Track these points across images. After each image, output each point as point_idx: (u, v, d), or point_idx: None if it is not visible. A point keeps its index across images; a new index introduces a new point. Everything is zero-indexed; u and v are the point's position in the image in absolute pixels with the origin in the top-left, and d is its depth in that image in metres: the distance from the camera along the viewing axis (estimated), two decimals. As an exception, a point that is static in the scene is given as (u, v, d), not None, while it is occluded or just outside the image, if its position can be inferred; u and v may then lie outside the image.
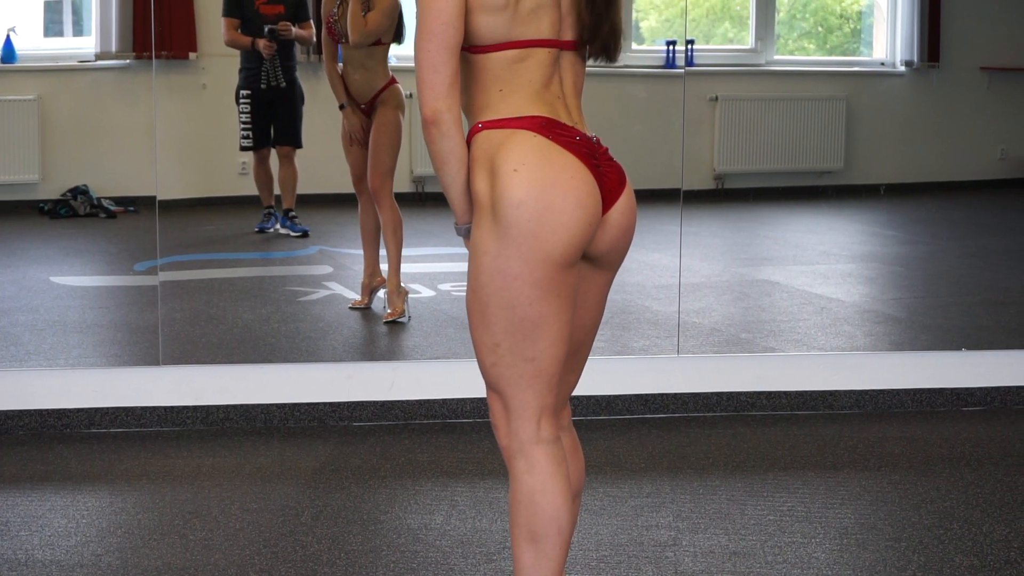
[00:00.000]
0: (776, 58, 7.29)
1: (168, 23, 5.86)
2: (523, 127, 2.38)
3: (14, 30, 5.79)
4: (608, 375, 4.61)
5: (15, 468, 4.16)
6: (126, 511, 3.82)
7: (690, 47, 6.27)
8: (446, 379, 4.55)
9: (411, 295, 5.17)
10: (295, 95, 5.68)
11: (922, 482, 4.03)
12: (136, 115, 5.67)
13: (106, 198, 5.98)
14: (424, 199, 5.54)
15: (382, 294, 5.22)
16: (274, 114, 5.68)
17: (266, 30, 5.50)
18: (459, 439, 4.42)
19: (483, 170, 2.38)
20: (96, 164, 6.01)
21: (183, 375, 4.52)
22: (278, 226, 5.81)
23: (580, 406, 4.55)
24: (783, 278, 5.87)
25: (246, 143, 5.69)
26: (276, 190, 5.75)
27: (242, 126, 5.66)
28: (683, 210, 5.11)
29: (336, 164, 5.71)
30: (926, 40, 7.29)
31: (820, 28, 7.79)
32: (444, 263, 5.40)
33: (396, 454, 4.27)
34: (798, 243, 6.56)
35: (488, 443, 4.30)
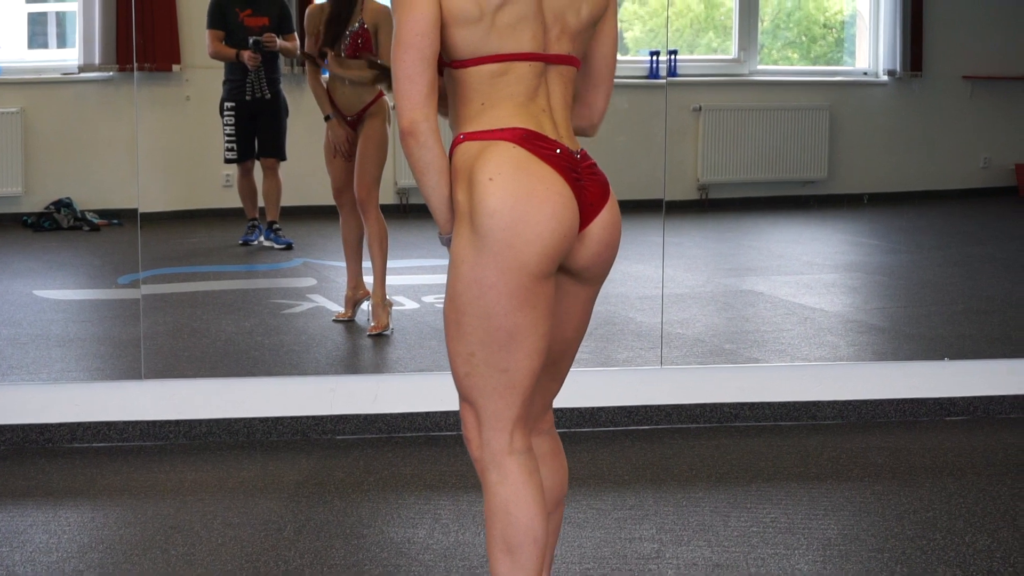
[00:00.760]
0: (759, 68, 7.30)
1: (151, 35, 5.85)
2: (502, 138, 2.39)
3: (-3, 43, 5.78)
4: (592, 387, 4.61)
5: (-3, 483, 4.15)
6: (108, 526, 3.81)
7: (673, 57, 6.28)
8: (429, 392, 4.55)
9: (395, 307, 5.17)
10: (279, 107, 5.68)
11: (905, 493, 4.03)
12: (119, 127, 5.66)
13: (90, 211, 5.97)
14: (408, 211, 5.54)
15: (366, 306, 5.22)
16: (258, 126, 5.68)
17: (251, 42, 5.50)
18: (442, 452, 4.42)
19: (463, 180, 2.39)
20: (80, 177, 6.00)
21: (165, 389, 4.51)
22: (262, 238, 5.81)
23: (563, 418, 4.55)
24: (767, 288, 5.88)
25: (231, 155, 5.68)
26: (260, 202, 5.75)
27: (226, 138, 5.66)
28: (666, 221, 5.12)
29: (320, 176, 5.70)
30: (909, 49, 7.31)
31: (804, 37, 7.81)
32: (427, 275, 5.41)
33: (379, 467, 4.27)
34: (782, 253, 6.57)
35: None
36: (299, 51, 5.86)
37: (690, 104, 6.82)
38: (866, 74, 7.40)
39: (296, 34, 5.81)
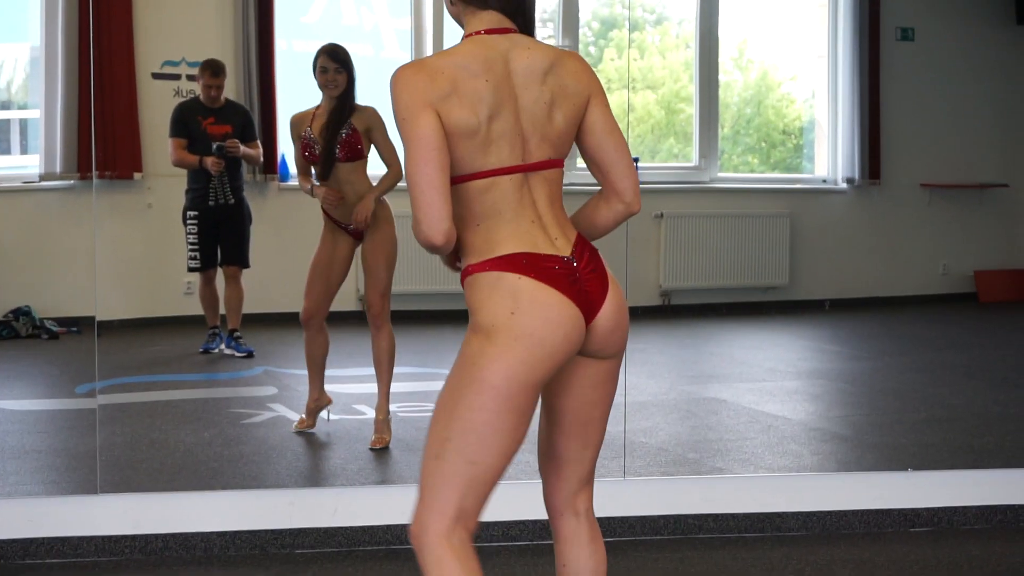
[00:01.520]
0: (719, 175, 7.38)
1: (113, 144, 5.87)
2: (508, 270, 2.50)
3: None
4: (554, 499, 4.56)
5: (-54, 603, 4.05)
6: (59, 648, 3.72)
7: (635, 165, 6.32)
8: (390, 504, 4.49)
9: (357, 416, 5.12)
10: (243, 214, 5.68)
11: (870, 607, 3.99)
12: (80, 235, 5.64)
13: (48, 319, 5.93)
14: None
15: (324, 414, 5.18)
16: (221, 233, 5.67)
17: (214, 147, 5.52)
18: (403, 566, 4.35)
19: (483, 311, 2.50)
20: (39, 285, 5.97)
21: (121, 504, 4.43)
22: (223, 346, 5.78)
23: (527, 531, 4.50)
24: (730, 395, 5.87)
25: (194, 264, 5.67)
26: (222, 309, 5.72)
27: (189, 247, 5.65)
28: (629, 327, 5.11)
29: (281, 284, 5.70)
30: (867, 157, 7.42)
31: (764, 143, 7.91)
32: (392, 384, 5.35)
33: (339, 583, 4.20)
34: (744, 359, 6.58)
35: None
36: (261, 159, 5.88)
37: (652, 211, 6.87)
38: (825, 181, 7.49)
39: (259, 142, 5.84)
